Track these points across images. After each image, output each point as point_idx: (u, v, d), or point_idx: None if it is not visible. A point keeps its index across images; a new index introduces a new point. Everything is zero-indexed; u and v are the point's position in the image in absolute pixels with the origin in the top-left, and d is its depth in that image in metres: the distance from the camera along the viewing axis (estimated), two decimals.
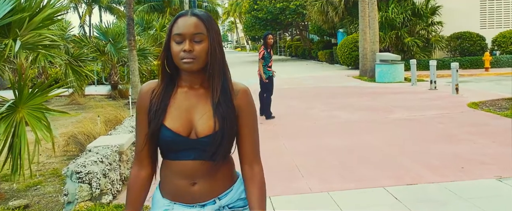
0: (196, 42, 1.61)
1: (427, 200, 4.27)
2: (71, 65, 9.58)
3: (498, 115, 8.42)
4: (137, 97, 1.76)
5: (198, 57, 1.60)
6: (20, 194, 5.16)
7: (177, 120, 1.66)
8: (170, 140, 1.64)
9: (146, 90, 1.72)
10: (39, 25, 5.24)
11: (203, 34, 1.61)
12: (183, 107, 1.68)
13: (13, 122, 4.39)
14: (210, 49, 1.62)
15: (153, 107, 1.67)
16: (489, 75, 18.08)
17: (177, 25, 1.62)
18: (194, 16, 1.63)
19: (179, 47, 1.60)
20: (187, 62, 1.59)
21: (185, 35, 1.60)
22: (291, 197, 4.57)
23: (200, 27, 1.61)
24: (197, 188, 1.68)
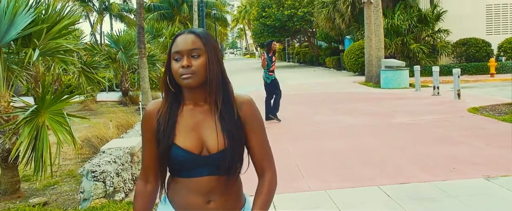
0: (194, 57, 1.65)
1: (418, 198, 4.57)
2: (85, 72, 9.99)
3: (496, 119, 8.68)
4: (143, 117, 1.77)
5: (196, 72, 1.64)
6: (38, 193, 5.53)
7: (188, 138, 1.67)
8: (183, 159, 1.65)
9: (151, 109, 1.74)
10: (56, 35, 5.63)
11: (200, 49, 1.65)
12: (191, 124, 1.69)
13: (35, 126, 4.77)
14: (208, 63, 1.66)
15: (161, 127, 1.69)
16: (494, 81, 18.25)
17: (176, 44, 1.68)
18: (191, 34, 1.69)
19: (178, 64, 1.65)
20: (186, 78, 1.63)
21: (182, 52, 1.65)
22: (291, 195, 4.89)
23: (197, 42, 1.66)
24: (212, 206, 1.69)
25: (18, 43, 5.35)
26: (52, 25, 5.61)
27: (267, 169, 1.74)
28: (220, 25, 41.48)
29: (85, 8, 32.93)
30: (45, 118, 4.90)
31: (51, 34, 5.52)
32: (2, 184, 5.35)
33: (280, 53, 53.28)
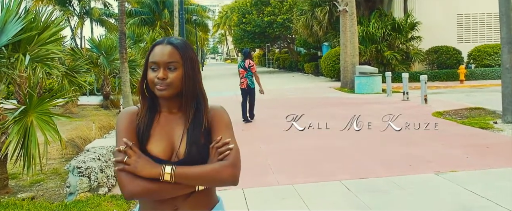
0: (170, 70, 1.68)
1: (374, 190, 5.11)
2: (67, 76, 10.34)
3: (455, 122, 9.33)
4: (119, 120, 1.78)
5: (171, 84, 1.67)
6: (26, 189, 5.91)
7: (159, 144, 1.71)
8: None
9: (129, 112, 1.79)
10: (46, 41, 6.04)
11: (177, 62, 1.68)
12: (164, 131, 1.74)
13: (24, 125, 5.17)
14: (184, 77, 1.69)
15: (139, 131, 1.73)
16: (463, 87, 19.07)
17: (153, 53, 1.70)
18: (169, 45, 1.70)
19: (154, 74, 1.68)
20: (160, 89, 1.67)
21: (159, 63, 1.68)
22: (261, 188, 5.38)
23: (175, 55, 1.68)
24: None
25: (9, 48, 5.74)
26: (41, 32, 6.02)
27: (224, 159, 1.68)
28: (201, 31, 41.92)
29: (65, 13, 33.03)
30: (33, 117, 5.30)
31: (41, 41, 5.93)
32: None
33: (260, 59, 53.87)
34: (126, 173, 1.62)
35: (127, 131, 1.72)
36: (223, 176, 1.67)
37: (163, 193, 1.66)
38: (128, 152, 1.64)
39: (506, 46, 8.81)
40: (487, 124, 8.77)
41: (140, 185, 1.62)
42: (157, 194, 1.66)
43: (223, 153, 1.68)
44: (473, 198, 4.66)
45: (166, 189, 1.64)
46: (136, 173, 1.62)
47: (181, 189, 1.66)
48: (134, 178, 1.62)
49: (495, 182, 5.21)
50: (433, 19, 22.85)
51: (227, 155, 1.68)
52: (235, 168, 1.70)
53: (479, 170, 5.69)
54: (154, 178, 1.62)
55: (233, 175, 1.69)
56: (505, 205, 4.37)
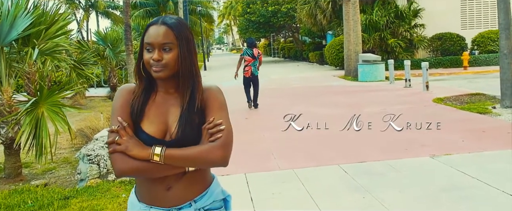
0: (165, 51, 1.66)
1: (370, 173, 5.33)
2: (75, 69, 10.60)
3: (455, 108, 9.50)
4: (116, 97, 1.79)
5: (167, 65, 1.66)
6: (38, 177, 6.19)
7: (153, 123, 1.71)
8: (145, 142, 1.68)
9: (126, 90, 1.78)
10: (54, 35, 6.28)
11: (172, 43, 1.66)
12: (160, 110, 1.74)
13: (36, 116, 5.43)
14: (180, 58, 1.67)
15: (133, 109, 1.73)
16: (466, 74, 19.15)
17: (148, 34, 1.69)
18: (164, 25, 1.68)
19: (150, 55, 1.67)
20: (156, 71, 1.66)
21: (154, 44, 1.66)
22: (263, 173, 5.62)
23: (170, 36, 1.66)
24: (172, 193, 1.72)
25: (19, 43, 5.99)
26: (49, 26, 6.26)
27: (215, 141, 1.68)
28: (206, 21, 42.05)
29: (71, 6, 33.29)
30: (43, 109, 5.55)
31: (49, 35, 6.17)
32: (6, 168, 6.00)
33: (265, 48, 53.95)
34: (118, 153, 1.65)
35: (122, 109, 1.72)
36: (212, 157, 1.66)
37: (152, 173, 1.67)
38: (120, 132, 1.66)
39: (503, 32, 8.94)
40: (486, 109, 8.94)
41: (129, 164, 1.63)
42: (147, 173, 1.67)
43: (214, 134, 1.67)
44: (465, 179, 4.87)
45: (155, 169, 1.65)
46: (126, 153, 1.63)
47: (170, 169, 1.67)
48: (125, 157, 1.64)
49: (488, 164, 5.41)
50: (437, 6, 22.84)
51: (219, 136, 1.67)
52: (224, 150, 1.67)
53: (473, 153, 5.90)
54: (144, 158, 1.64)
55: (222, 156, 1.67)
56: (495, 185, 4.57)
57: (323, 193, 4.70)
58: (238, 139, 7.77)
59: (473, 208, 4.04)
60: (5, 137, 5.86)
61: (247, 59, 10.96)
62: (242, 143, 7.37)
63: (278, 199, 4.63)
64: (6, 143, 5.90)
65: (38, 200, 4.86)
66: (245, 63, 10.99)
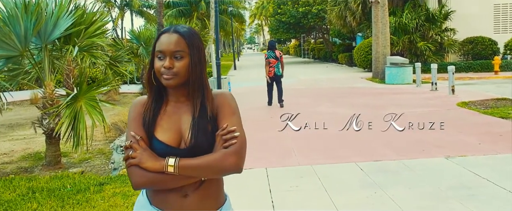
0: (177, 59, 1.68)
1: (384, 171, 5.59)
2: (111, 66, 11.16)
3: (478, 112, 9.60)
4: (130, 109, 1.81)
5: (178, 74, 1.68)
6: (76, 165, 6.70)
7: (168, 131, 1.73)
8: (161, 151, 1.69)
9: (138, 103, 1.80)
10: (92, 35, 6.77)
11: (183, 52, 1.68)
12: (172, 119, 1.75)
13: (75, 108, 5.92)
14: (191, 66, 1.69)
15: (145, 120, 1.74)
16: (497, 78, 18.96)
17: (160, 42, 1.70)
18: (175, 33, 1.70)
19: (161, 63, 1.68)
20: (167, 79, 1.68)
21: (166, 52, 1.68)
22: (282, 168, 5.95)
23: (181, 44, 1.68)
24: (189, 201, 1.73)
25: (61, 41, 6.51)
26: (88, 26, 6.75)
27: (229, 147, 1.68)
28: (237, 21, 42.55)
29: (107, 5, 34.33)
30: (82, 103, 6.04)
31: (88, 34, 6.66)
32: (47, 157, 6.53)
33: (295, 49, 54.11)
34: (133, 166, 1.67)
35: (135, 122, 1.75)
36: (226, 164, 1.66)
37: (168, 184, 1.68)
38: (133, 146, 1.68)
39: None
40: (508, 114, 9.03)
41: (145, 177, 1.65)
42: (162, 185, 1.69)
43: (228, 141, 1.68)
44: (475, 179, 5.09)
45: (170, 180, 1.67)
46: (141, 166, 1.66)
47: (185, 179, 1.68)
48: (140, 170, 1.65)
49: (500, 166, 5.60)
50: (469, 9, 22.64)
51: (233, 143, 1.67)
52: (238, 157, 1.67)
53: (488, 155, 6.08)
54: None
55: (236, 163, 1.66)
56: (503, 186, 4.78)
57: (337, 188, 5.00)
58: (262, 136, 8.18)
59: (478, 206, 4.27)
60: (47, 128, 6.38)
61: (271, 62, 11.56)
62: (266, 140, 7.73)
63: (295, 192, 4.96)
64: (48, 133, 6.42)
65: (76, 185, 5.34)
66: (270, 65, 11.57)
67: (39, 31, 6.15)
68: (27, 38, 5.98)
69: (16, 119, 11.76)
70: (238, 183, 5.06)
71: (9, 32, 5.75)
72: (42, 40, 6.24)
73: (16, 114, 12.38)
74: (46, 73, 6.36)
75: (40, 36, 6.23)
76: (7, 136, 9.33)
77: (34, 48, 6.53)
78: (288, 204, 4.59)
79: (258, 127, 8.83)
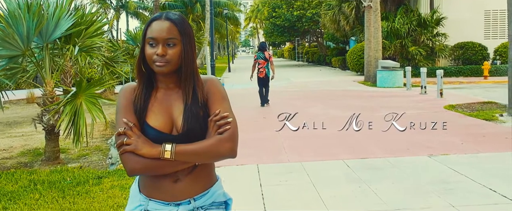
0: (169, 46, 1.68)
1: (370, 168, 5.88)
2: (107, 66, 11.40)
3: (464, 114, 9.93)
4: (119, 97, 1.80)
5: (171, 61, 1.68)
6: (74, 161, 6.93)
7: (159, 118, 1.73)
8: (153, 137, 1.70)
9: (127, 90, 1.79)
10: (92, 35, 7.03)
11: (176, 39, 1.68)
12: (163, 105, 1.76)
13: (75, 105, 6.17)
14: (183, 53, 1.70)
15: (136, 107, 1.74)
16: (486, 83, 19.35)
17: (151, 29, 1.69)
18: (167, 20, 1.69)
19: (153, 50, 1.68)
20: (159, 66, 1.68)
21: (158, 39, 1.67)
22: (273, 165, 6.23)
23: (174, 31, 1.68)
24: (179, 186, 1.75)
25: (62, 40, 6.76)
26: (88, 27, 7.01)
27: (223, 132, 1.72)
28: (232, 24, 42.88)
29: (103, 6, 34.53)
30: (82, 99, 6.28)
31: (88, 34, 6.91)
32: (46, 152, 6.76)
33: (289, 52, 54.46)
34: (128, 152, 1.67)
35: (126, 109, 1.74)
36: (221, 150, 1.69)
37: (163, 169, 1.69)
38: (127, 133, 1.67)
39: None
40: (492, 117, 9.35)
41: (140, 163, 1.66)
42: (158, 170, 1.70)
43: (222, 126, 1.71)
44: (454, 175, 5.39)
45: (166, 166, 1.68)
46: (136, 152, 1.65)
47: (180, 165, 1.70)
48: (135, 156, 1.65)
49: (480, 164, 5.89)
50: (460, 15, 23.04)
51: (227, 128, 1.70)
52: (233, 142, 1.71)
53: (469, 154, 6.39)
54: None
55: (231, 148, 1.70)
56: (480, 181, 5.08)
57: (324, 182, 5.28)
58: (255, 135, 8.43)
59: (454, 199, 4.56)
60: (46, 124, 6.62)
61: (261, 62, 12.06)
62: (258, 139, 8.01)
63: (284, 186, 5.24)
64: (47, 129, 6.65)
65: (76, 178, 5.59)
66: (259, 66, 12.06)
67: (41, 31, 6.40)
68: (29, 38, 6.22)
69: (14, 117, 11.97)
70: (231, 177, 5.36)
71: (12, 32, 5.99)
72: (43, 39, 6.48)
73: (13, 113, 12.58)
74: (47, 71, 6.61)
75: (41, 35, 6.47)
76: (6, 133, 9.55)
77: (35, 47, 6.77)
78: (277, 196, 4.86)
79: (251, 127, 9.10)
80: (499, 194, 4.64)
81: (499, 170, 5.59)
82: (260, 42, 13.23)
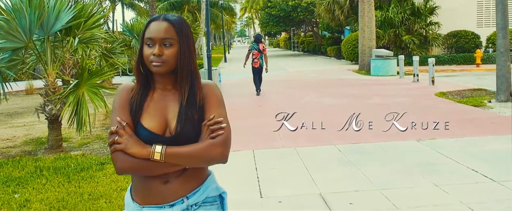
0: (166, 46, 1.69)
1: (360, 152, 6.17)
2: (105, 57, 11.62)
3: (453, 101, 10.22)
4: (116, 95, 1.80)
5: (167, 61, 1.69)
6: (75, 149, 7.19)
7: (153, 119, 1.73)
8: (146, 138, 1.70)
9: (124, 89, 1.80)
10: (90, 27, 7.25)
11: (172, 39, 1.69)
12: (159, 107, 1.76)
13: (77, 95, 6.41)
14: (179, 53, 1.71)
15: (132, 107, 1.74)
16: (478, 71, 19.66)
17: (149, 30, 1.71)
18: (165, 21, 1.71)
19: (150, 51, 1.69)
20: (156, 66, 1.69)
21: (155, 40, 1.69)
22: (268, 150, 6.50)
23: (170, 32, 1.69)
24: (168, 187, 1.74)
25: (62, 33, 6.98)
26: (87, 19, 7.22)
27: (216, 137, 1.70)
28: (227, 14, 42.97)
29: None
30: (84, 89, 6.53)
31: (87, 26, 7.13)
32: (49, 141, 7.01)
33: (285, 42, 54.62)
34: (118, 151, 1.67)
35: (121, 108, 1.75)
36: (212, 154, 1.69)
37: (152, 170, 1.69)
38: (119, 132, 1.68)
39: (501, 32, 9.62)
40: (481, 103, 9.65)
41: (129, 162, 1.66)
42: (146, 171, 1.70)
43: (215, 131, 1.70)
44: (439, 157, 5.68)
45: (154, 167, 1.68)
46: (126, 151, 1.65)
47: (169, 167, 1.69)
48: (125, 155, 1.65)
49: (464, 147, 6.19)
50: (453, 4, 23.31)
51: (220, 133, 1.69)
52: (224, 147, 1.70)
53: (455, 138, 6.69)
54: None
55: (222, 154, 1.70)
56: (462, 162, 5.38)
57: (316, 166, 5.56)
58: (251, 122, 8.70)
59: (438, 178, 4.85)
60: (49, 114, 6.86)
61: (254, 53, 12.65)
62: (254, 126, 8.28)
63: (278, 169, 5.52)
64: (50, 119, 6.90)
65: (79, 164, 5.85)
66: (253, 57, 12.64)
67: (42, 23, 6.62)
68: (32, 30, 6.44)
69: (14, 108, 12.19)
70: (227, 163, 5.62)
71: (16, 25, 6.20)
72: (44, 32, 6.70)
73: (14, 104, 12.79)
74: (48, 63, 6.84)
75: (42, 28, 6.68)
76: (8, 124, 9.79)
77: (37, 40, 6.99)
78: (271, 179, 5.14)
79: (248, 115, 9.37)
80: (480, 174, 4.94)
81: (482, 152, 5.88)
82: (256, 33, 13.75)
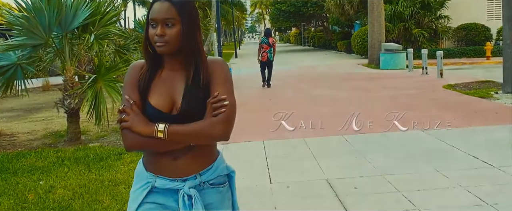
0: (168, 26, 1.70)
1: (366, 141, 6.40)
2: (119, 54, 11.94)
3: (460, 93, 10.38)
4: (127, 73, 1.85)
5: (169, 41, 1.71)
6: (93, 141, 7.50)
7: (160, 97, 1.77)
8: (153, 116, 1.74)
9: (135, 67, 1.84)
10: (105, 24, 7.55)
11: (174, 19, 1.70)
12: (166, 86, 1.79)
13: (95, 89, 6.72)
14: (182, 33, 1.71)
15: (140, 85, 1.78)
16: (488, 63, 19.66)
17: (152, 10, 1.73)
18: (167, 1, 1.72)
19: (153, 31, 1.72)
20: (159, 46, 1.71)
21: (157, 20, 1.71)
22: (277, 141, 6.75)
23: (172, 12, 1.70)
24: (179, 163, 1.78)
25: (79, 30, 7.29)
26: (103, 16, 7.52)
27: (218, 115, 1.73)
28: (238, 10, 43.21)
29: None
30: (101, 84, 6.84)
31: (102, 23, 7.43)
32: (68, 133, 7.33)
33: (296, 37, 54.69)
34: (125, 129, 1.74)
35: (130, 86, 1.80)
36: (214, 132, 1.71)
37: (158, 147, 1.74)
38: (126, 110, 1.74)
39: (507, 24, 9.75)
40: (487, 94, 9.80)
41: (136, 140, 1.72)
42: (153, 148, 1.76)
43: (217, 109, 1.72)
44: (441, 146, 5.90)
45: (160, 144, 1.72)
46: (132, 130, 1.71)
47: (175, 144, 1.74)
48: (132, 133, 1.72)
49: (468, 136, 6.39)
50: None
51: (222, 111, 1.71)
52: (227, 125, 1.72)
53: (459, 128, 6.88)
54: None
55: (223, 131, 1.72)
56: (464, 150, 5.59)
57: (323, 154, 5.81)
58: (262, 116, 8.95)
59: (441, 165, 5.06)
60: (68, 107, 7.19)
61: (264, 47, 13.12)
62: (265, 119, 8.52)
63: (287, 158, 5.78)
64: (69, 113, 7.22)
65: (98, 155, 6.16)
66: (262, 50, 13.09)
67: (60, 21, 6.93)
68: (51, 27, 6.76)
69: (33, 103, 12.58)
70: (239, 152, 5.91)
71: (36, 23, 6.52)
72: (62, 29, 7.01)
73: (31, 100, 13.16)
74: (67, 58, 7.15)
75: (61, 25, 6.99)
76: (28, 118, 10.16)
77: (55, 37, 7.30)
78: (280, 167, 5.39)
79: (258, 108, 9.62)
80: (481, 160, 5.14)
81: (485, 141, 6.08)
82: (266, 28, 14.17)
